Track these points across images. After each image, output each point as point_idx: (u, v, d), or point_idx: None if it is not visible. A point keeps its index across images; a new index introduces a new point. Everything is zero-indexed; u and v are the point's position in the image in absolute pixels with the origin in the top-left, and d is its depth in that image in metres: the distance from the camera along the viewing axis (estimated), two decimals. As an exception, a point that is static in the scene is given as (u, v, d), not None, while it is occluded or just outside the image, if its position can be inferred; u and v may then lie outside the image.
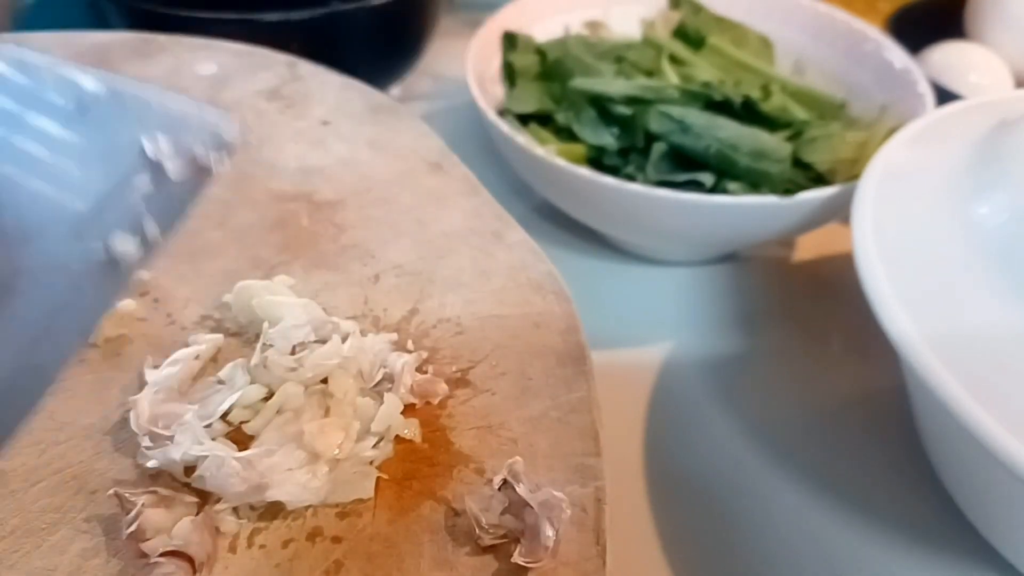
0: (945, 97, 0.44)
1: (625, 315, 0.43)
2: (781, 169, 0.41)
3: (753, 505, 0.34)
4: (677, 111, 0.42)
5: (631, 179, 0.41)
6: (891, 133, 0.39)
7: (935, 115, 0.39)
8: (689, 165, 0.42)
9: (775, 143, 0.42)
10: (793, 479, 0.35)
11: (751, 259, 0.47)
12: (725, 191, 0.41)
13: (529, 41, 0.49)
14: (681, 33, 0.51)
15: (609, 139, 0.44)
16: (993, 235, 0.30)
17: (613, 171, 0.42)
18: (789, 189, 0.39)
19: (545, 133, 0.46)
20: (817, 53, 0.51)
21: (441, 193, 0.35)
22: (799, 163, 0.42)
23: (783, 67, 0.51)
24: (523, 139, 0.41)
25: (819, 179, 0.42)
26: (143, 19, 0.44)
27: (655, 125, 0.42)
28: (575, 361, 0.29)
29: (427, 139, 0.38)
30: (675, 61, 0.49)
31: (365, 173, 0.36)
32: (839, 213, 0.40)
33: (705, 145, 0.41)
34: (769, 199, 0.38)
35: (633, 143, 0.43)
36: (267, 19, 0.45)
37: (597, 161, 0.44)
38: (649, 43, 0.50)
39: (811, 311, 0.44)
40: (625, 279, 0.45)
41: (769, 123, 0.44)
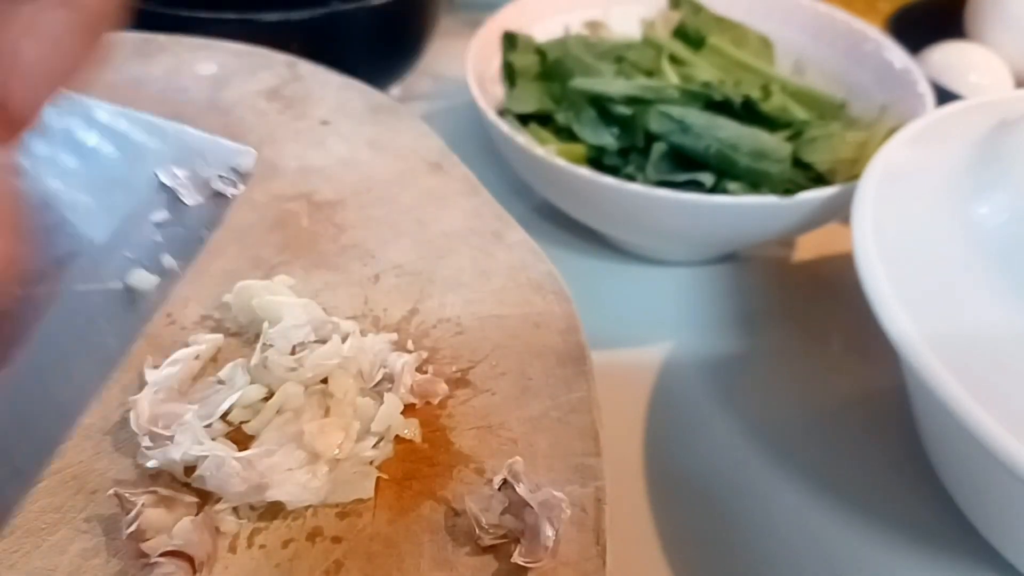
0: (945, 97, 0.44)
1: (625, 315, 0.43)
2: (781, 169, 0.41)
3: (753, 505, 0.34)
4: (677, 111, 0.42)
5: (631, 179, 0.41)
6: (891, 133, 0.39)
7: (935, 115, 0.39)
8: (689, 165, 0.42)
9: (775, 143, 0.42)
10: (793, 479, 0.35)
11: (751, 259, 0.47)
12: (725, 191, 0.41)
13: (529, 41, 0.49)
14: (681, 33, 0.51)
15: (609, 139, 0.44)
16: (993, 235, 0.30)
17: (613, 171, 0.42)
18: (789, 189, 0.39)
19: (545, 133, 0.46)
20: (817, 53, 0.51)
21: (441, 193, 0.35)
22: (799, 163, 0.42)
23: (783, 67, 0.51)
24: (523, 139, 0.41)
25: (819, 179, 0.42)
26: (143, 19, 0.44)
27: (655, 125, 0.42)
28: (575, 361, 0.29)
29: (427, 139, 0.38)
30: (675, 61, 0.49)
31: (365, 173, 0.36)
32: (839, 213, 0.40)
33: (705, 145, 0.41)
34: (769, 199, 0.38)
35: (633, 143, 0.43)
36: (267, 19, 0.45)
37: (597, 161, 0.44)
38: (649, 43, 0.50)
39: (811, 311, 0.44)
40: (625, 279, 0.45)
41: (769, 123, 0.44)
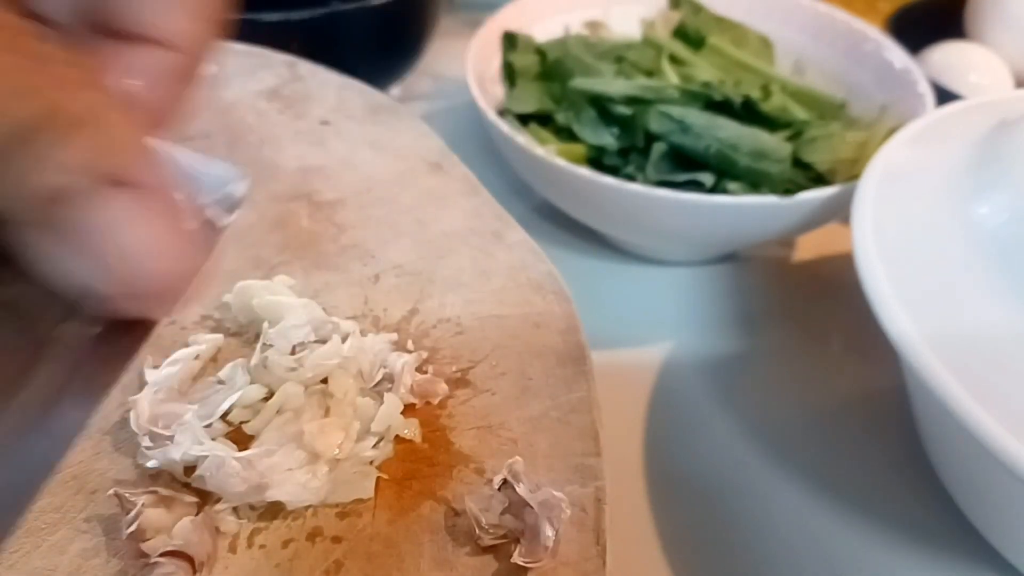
0: (945, 97, 0.44)
1: (625, 315, 0.43)
2: (781, 169, 0.41)
3: (753, 505, 0.34)
4: (677, 111, 0.42)
5: (631, 179, 0.41)
6: (891, 133, 0.39)
7: (935, 115, 0.39)
8: (689, 165, 0.42)
9: (775, 143, 0.42)
10: (793, 479, 0.35)
11: (751, 259, 0.47)
12: (725, 191, 0.41)
13: (529, 41, 0.49)
14: (681, 33, 0.51)
15: (609, 139, 0.44)
16: (993, 235, 0.30)
17: (613, 171, 0.42)
18: (789, 189, 0.39)
19: (545, 133, 0.46)
20: (817, 53, 0.51)
21: (441, 193, 0.35)
22: (799, 163, 0.42)
23: (783, 67, 0.51)
24: (523, 139, 0.41)
25: (819, 179, 0.42)
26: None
27: (655, 125, 0.42)
28: (575, 361, 0.29)
29: (427, 139, 0.38)
30: (675, 61, 0.49)
31: (365, 173, 0.36)
32: (839, 213, 0.40)
33: (705, 145, 0.41)
34: (769, 199, 0.38)
35: (633, 143, 0.43)
36: (267, 19, 0.44)
37: (597, 161, 0.44)
38: (649, 43, 0.50)
39: (811, 311, 0.44)
40: (625, 279, 0.45)
41: (769, 123, 0.44)
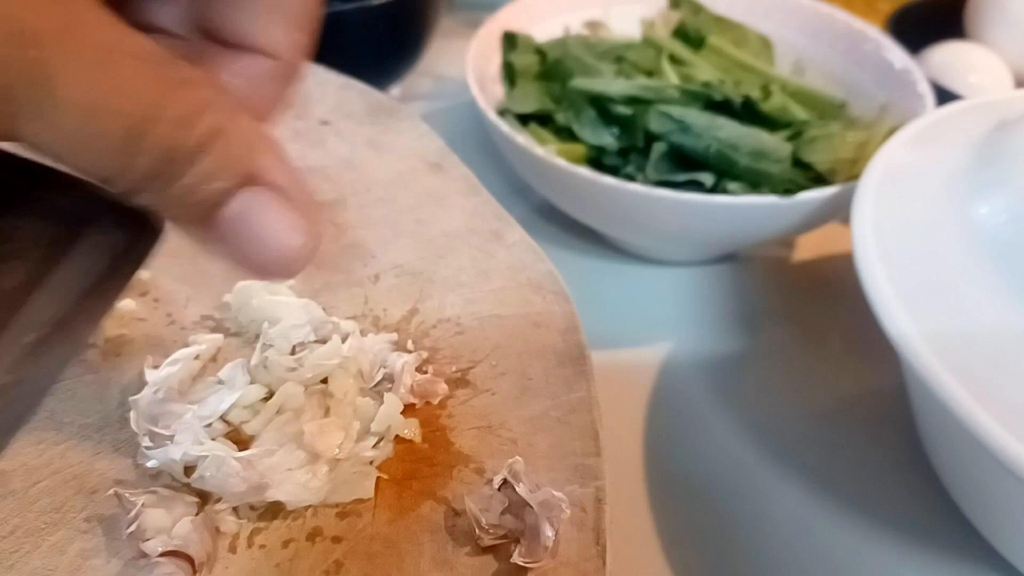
0: (945, 97, 0.44)
1: (625, 315, 0.43)
2: (781, 169, 0.41)
3: (753, 505, 0.34)
4: (677, 111, 0.42)
5: (631, 179, 0.41)
6: (891, 133, 0.39)
7: (935, 115, 0.39)
8: (689, 165, 0.42)
9: (775, 143, 0.42)
10: (793, 479, 0.35)
11: (751, 259, 0.47)
12: (725, 191, 0.41)
13: (529, 41, 0.49)
14: (681, 33, 0.51)
15: (609, 139, 0.44)
16: (993, 235, 0.30)
17: (613, 171, 0.42)
18: (789, 189, 0.39)
19: (545, 133, 0.46)
20: (817, 53, 0.51)
21: (441, 193, 0.35)
22: (799, 163, 0.42)
23: (783, 67, 0.51)
24: (523, 139, 0.41)
25: (819, 179, 0.42)
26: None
27: (655, 125, 0.42)
28: (575, 361, 0.29)
29: (427, 139, 0.38)
30: (675, 61, 0.49)
31: (365, 173, 0.36)
32: (839, 213, 0.40)
33: (705, 145, 0.41)
34: (769, 199, 0.38)
35: (633, 143, 0.43)
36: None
37: (597, 161, 0.44)
38: (649, 43, 0.50)
39: (811, 311, 0.44)
40: (625, 279, 0.45)
41: (769, 123, 0.44)
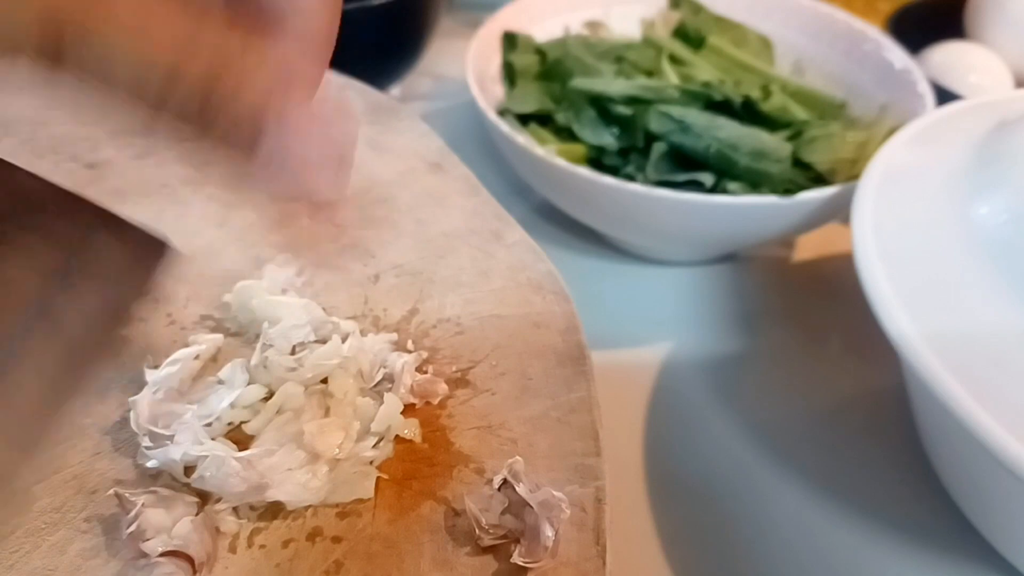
0: (945, 97, 0.44)
1: (625, 315, 0.43)
2: (781, 169, 0.41)
3: (753, 505, 0.34)
4: (677, 111, 0.42)
5: (631, 179, 0.41)
6: (891, 133, 0.39)
7: (935, 115, 0.39)
8: (689, 165, 0.42)
9: (775, 143, 0.42)
10: (793, 479, 0.35)
11: (751, 259, 0.47)
12: (725, 191, 0.41)
13: (529, 41, 0.49)
14: (681, 33, 0.51)
15: (609, 139, 0.44)
16: (993, 235, 0.30)
17: (613, 171, 0.42)
18: (789, 189, 0.39)
19: (545, 133, 0.46)
20: (817, 53, 0.51)
21: (441, 193, 0.35)
22: (799, 163, 0.42)
23: (783, 67, 0.51)
24: (523, 139, 0.41)
25: (819, 179, 0.42)
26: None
27: (655, 125, 0.42)
28: (575, 361, 0.29)
29: (427, 139, 0.38)
30: (675, 61, 0.49)
31: (365, 173, 0.36)
32: (839, 213, 0.40)
33: (705, 145, 0.41)
34: (769, 199, 0.38)
35: (633, 143, 0.43)
36: (267, 19, 0.44)
37: (597, 161, 0.44)
38: (649, 43, 0.50)
39: (811, 311, 0.44)
40: (625, 279, 0.45)
41: (769, 123, 0.44)
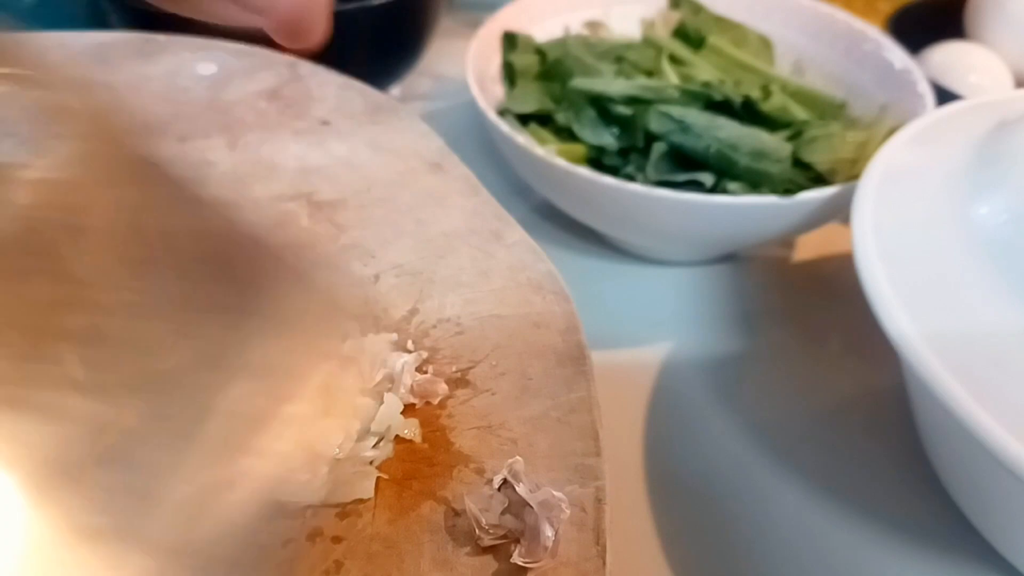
0: (945, 97, 0.44)
1: (625, 315, 0.43)
2: (781, 169, 0.41)
3: (753, 505, 0.34)
4: (677, 111, 0.42)
5: (631, 179, 0.41)
6: (891, 133, 0.39)
7: (935, 115, 0.39)
8: (689, 165, 0.42)
9: (775, 143, 0.42)
10: (793, 479, 0.35)
11: (751, 259, 0.47)
12: (725, 191, 0.41)
13: (529, 41, 0.49)
14: (681, 33, 0.51)
15: (609, 139, 0.44)
16: (993, 235, 0.30)
17: (613, 171, 0.42)
18: (789, 189, 0.39)
19: (545, 133, 0.46)
20: (817, 53, 0.51)
21: (441, 193, 0.35)
22: (799, 163, 0.42)
23: (783, 67, 0.51)
24: (523, 139, 0.41)
25: (819, 179, 0.42)
26: (143, 19, 0.44)
27: (655, 125, 0.42)
28: (575, 361, 0.29)
29: (427, 139, 0.38)
30: (675, 61, 0.49)
31: (365, 173, 0.36)
32: (839, 213, 0.40)
33: (705, 145, 0.41)
34: (769, 199, 0.38)
35: (633, 143, 0.43)
36: (267, 19, 0.44)
37: (597, 161, 0.44)
38: (649, 43, 0.50)
39: (811, 311, 0.44)
40: (625, 279, 0.45)
41: (769, 123, 0.44)
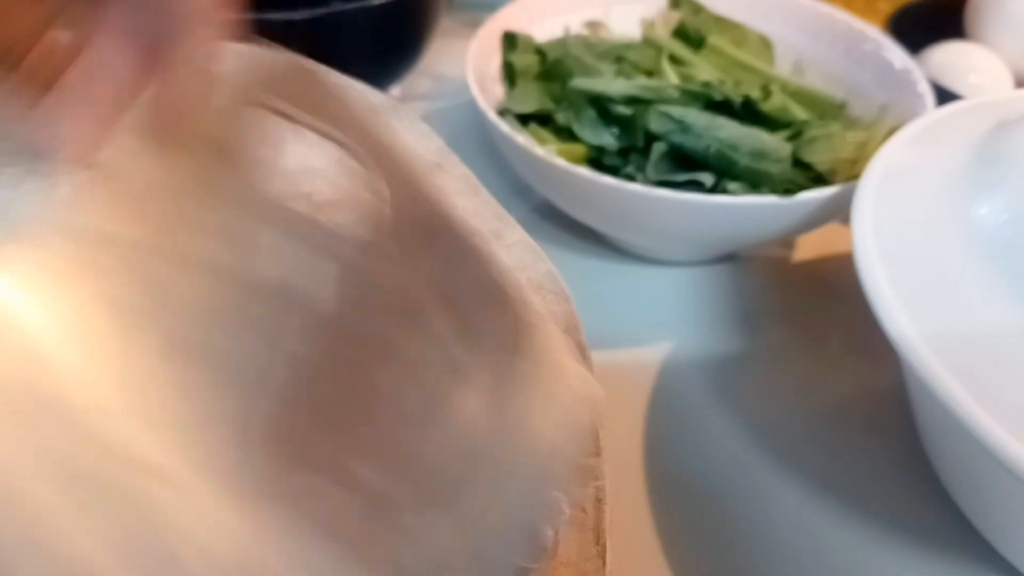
0: (945, 97, 0.44)
1: (625, 315, 0.43)
2: (781, 169, 0.41)
3: (753, 505, 0.34)
4: (677, 111, 0.42)
5: (631, 179, 0.41)
6: (891, 133, 0.39)
7: (935, 115, 0.39)
8: (689, 165, 0.42)
9: (775, 143, 0.42)
10: (793, 479, 0.35)
11: (751, 259, 0.47)
12: (725, 191, 0.41)
13: (529, 41, 0.49)
14: (681, 33, 0.51)
15: (609, 139, 0.44)
16: (993, 235, 0.30)
17: (613, 171, 0.42)
18: (789, 189, 0.39)
19: (545, 133, 0.46)
20: (817, 53, 0.51)
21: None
22: (799, 163, 0.42)
23: (783, 67, 0.51)
24: (523, 139, 0.41)
25: (819, 179, 0.42)
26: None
27: (655, 125, 0.42)
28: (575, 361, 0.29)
29: (427, 139, 0.38)
30: (675, 61, 0.49)
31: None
32: (839, 213, 0.40)
33: (705, 145, 0.41)
34: (769, 199, 0.38)
35: (633, 143, 0.43)
36: (267, 19, 0.44)
37: (597, 161, 0.44)
38: (649, 43, 0.50)
39: (811, 311, 0.44)
40: (625, 279, 0.45)
41: (769, 123, 0.44)
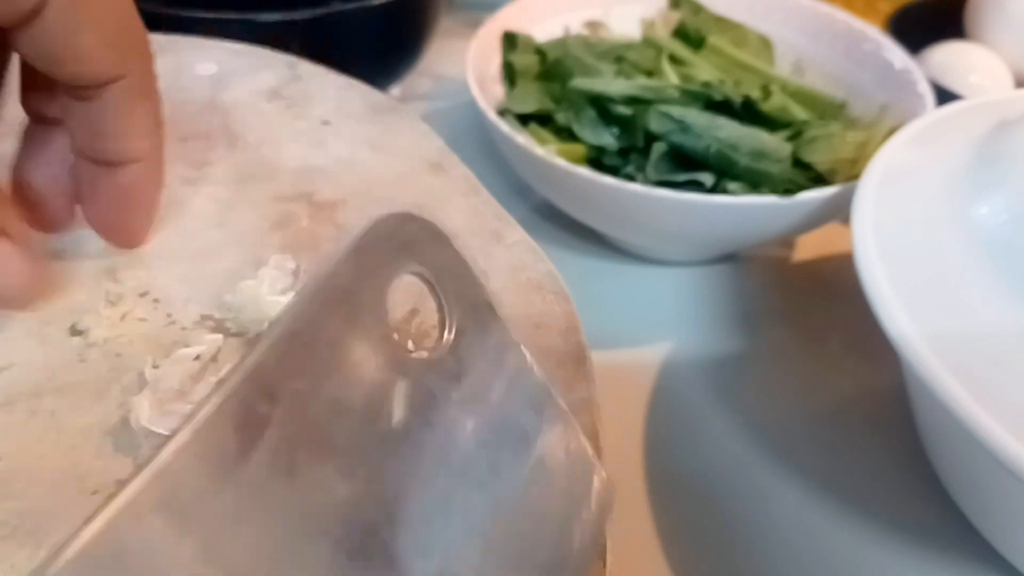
0: (945, 97, 0.44)
1: (625, 315, 0.43)
2: (781, 169, 0.41)
3: (753, 505, 0.34)
4: (677, 111, 0.42)
5: (631, 179, 0.41)
6: (891, 133, 0.39)
7: (935, 115, 0.39)
8: (689, 165, 0.42)
9: (775, 143, 0.42)
10: (793, 479, 0.35)
11: (751, 259, 0.47)
12: (725, 191, 0.41)
13: (529, 41, 0.49)
14: (681, 33, 0.51)
15: (609, 139, 0.44)
16: (993, 235, 0.30)
17: (613, 171, 0.42)
18: (789, 189, 0.39)
19: (545, 133, 0.46)
20: (817, 53, 0.51)
21: (441, 193, 0.35)
22: (799, 163, 0.42)
23: (783, 67, 0.51)
24: (523, 139, 0.41)
25: (819, 179, 0.42)
26: (143, 19, 0.44)
27: (655, 125, 0.42)
28: (575, 361, 0.29)
29: (427, 139, 0.38)
30: (675, 61, 0.49)
31: (365, 173, 0.36)
32: (839, 213, 0.40)
33: (705, 145, 0.41)
34: (769, 199, 0.38)
35: (633, 143, 0.43)
36: (267, 19, 0.44)
37: (597, 161, 0.44)
38: (649, 43, 0.50)
39: (811, 311, 0.44)
40: (625, 279, 0.45)
41: (769, 123, 0.44)
